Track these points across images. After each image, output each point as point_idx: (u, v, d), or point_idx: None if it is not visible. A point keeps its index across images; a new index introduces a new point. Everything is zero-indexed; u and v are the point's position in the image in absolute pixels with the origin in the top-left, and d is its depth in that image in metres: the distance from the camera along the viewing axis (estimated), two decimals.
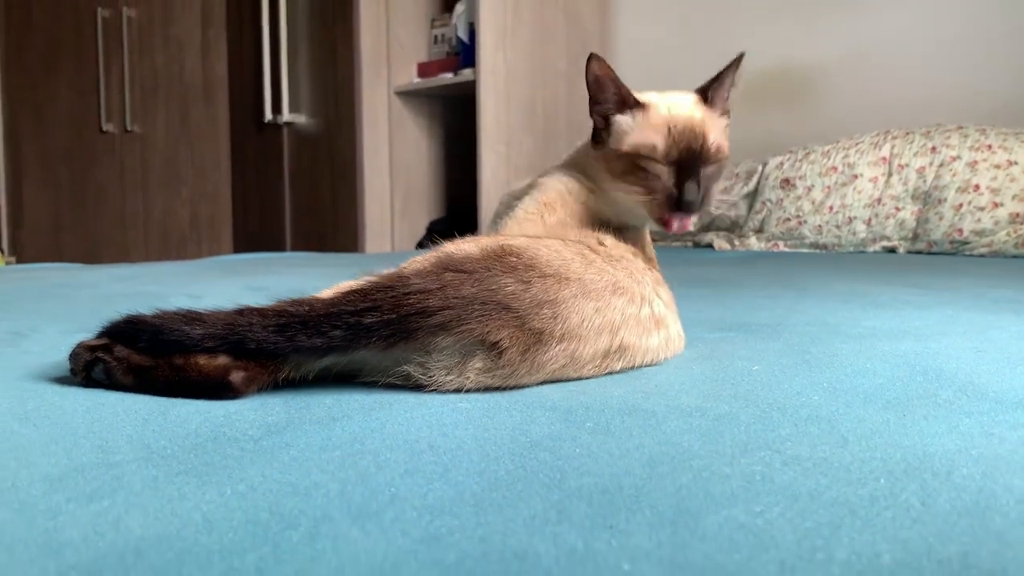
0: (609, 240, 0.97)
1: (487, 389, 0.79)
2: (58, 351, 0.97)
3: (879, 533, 0.46)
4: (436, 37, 3.77)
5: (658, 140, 0.99)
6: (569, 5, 3.61)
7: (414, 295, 0.75)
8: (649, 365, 0.90)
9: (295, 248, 4.02)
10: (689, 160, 0.99)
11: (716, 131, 1.01)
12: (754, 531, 0.46)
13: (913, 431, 0.66)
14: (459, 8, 3.57)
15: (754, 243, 2.87)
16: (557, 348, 0.81)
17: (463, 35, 3.53)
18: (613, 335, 0.85)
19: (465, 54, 3.50)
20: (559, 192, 1.06)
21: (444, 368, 0.78)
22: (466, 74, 3.43)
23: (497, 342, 0.77)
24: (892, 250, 2.62)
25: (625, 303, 0.87)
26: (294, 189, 4.05)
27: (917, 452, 0.61)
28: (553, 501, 0.51)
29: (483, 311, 0.77)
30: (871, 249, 2.66)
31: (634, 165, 1.00)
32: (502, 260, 0.81)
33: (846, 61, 3.16)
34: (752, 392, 0.80)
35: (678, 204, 0.98)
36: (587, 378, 0.85)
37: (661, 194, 0.99)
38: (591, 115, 1.06)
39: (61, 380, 0.84)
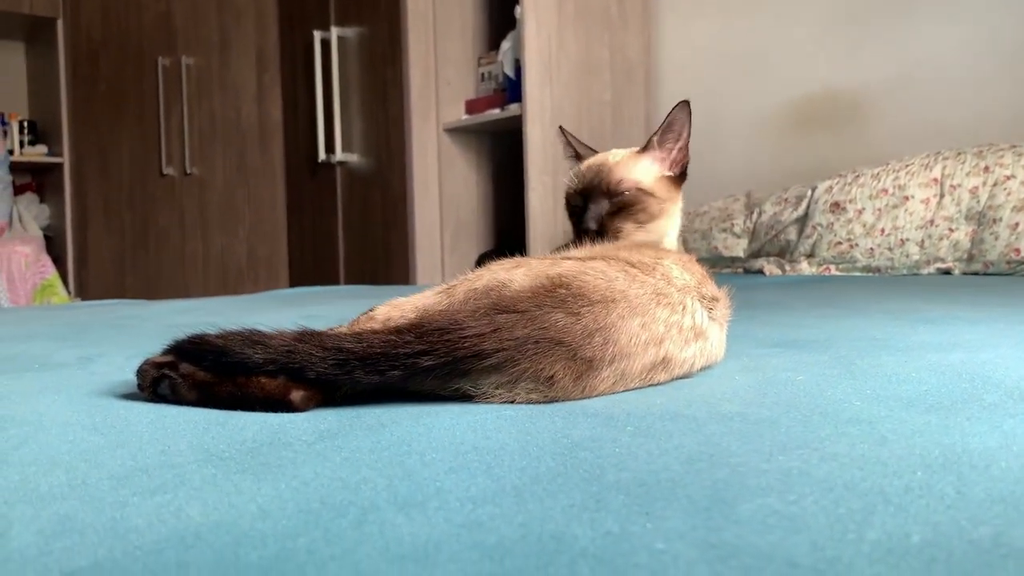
0: (648, 251, 1.00)
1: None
2: (124, 372, 1.02)
3: (911, 518, 0.47)
4: (483, 75, 3.85)
5: (574, 181, 1.24)
6: (614, 39, 3.66)
7: (469, 339, 0.77)
8: (685, 376, 0.92)
9: (349, 283, 4.09)
10: (589, 193, 1.20)
11: (627, 171, 1.20)
12: (788, 516, 0.48)
13: (955, 431, 0.67)
14: (505, 46, 3.63)
15: (805, 268, 2.85)
16: (608, 371, 0.83)
17: (509, 72, 3.59)
18: (658, 347, 0.87)
19: (511, 90, 3.57)
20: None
21: (495, 384, 0.80)
22: (512, 109, 3.49)
23: (551, 376, 0.80)
24: (947, 271, 2.58)
25: (668, 313, 0.89)
26: (347, 226, 4.14)
27: (956, 449, 0.61)
28: (592, 492, 0.53)
29: (536, 349, 0.79)
30: (925, 271, 2.62)
31: (569, 203, 1.24)
32: (552, 294, 0.83)
33: (894, 83, 3.14)
34: (794, 399, 0.81)
35: (582, 229, 1.19)
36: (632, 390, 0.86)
37: (575, 224, 1.22)
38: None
39: (127, 396, 0.88)
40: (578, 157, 1.30)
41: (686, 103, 1.19)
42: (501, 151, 3.94)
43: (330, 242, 4.24)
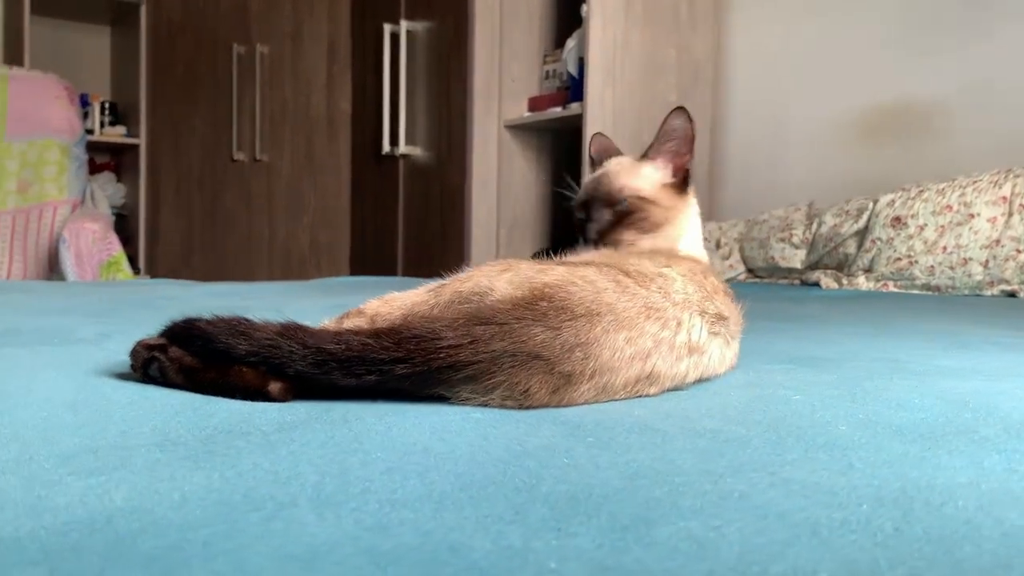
0: (659, 258, 0.98)
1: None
2: None
3: (829, 553, 0.45)
4: (547, 72, 3.84)
5: (579, 192, 1.25)
6: (681, 39, 3.61)
7: (445, 350, 0.76)
8: (677, 388, 0.90)
9: (406, 272, 4.13)
10: (589, 202, 1.21)
11: (627, 179, 1.19)
12: (701, 542, 0.46)
13: (929, 464, 0.63)
14: (570, 44, 3.62)
15: (862, 282, 2.77)
16: (587, 385, 0.81)
17: (573, 70, 3.57)
18: (644, 361, 0.85)
19: (574, 88, 3.54)
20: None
21: (470, 391, 0.80)
22: (574, 108, 3.47)
23: (527, 388, 0.79)
24: (1012, 294, 2.48)
25: (658, 328, 0.86)
26: (407, 217, 4.18)
27: (920, 484, 0.58)
28: (516, 503, 0.52)
29: (512, 363, 0.78)
30: (988, 293, 2.52)
31: (575, 215, 1.25)
32: (533, 307, 0.81)
33: (969, 96, 3.02)
34: (779, 419, 0.78)
35: (585, 240, 1.21)
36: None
37: (581, 235, 1.23)
38: None
39: (122, 375, 0.90)
40: (593, 166, 1.29)
41: (681, 109, 1.18)
42: (561, 150, 3.92)
43: (390, 233, 4.28)
